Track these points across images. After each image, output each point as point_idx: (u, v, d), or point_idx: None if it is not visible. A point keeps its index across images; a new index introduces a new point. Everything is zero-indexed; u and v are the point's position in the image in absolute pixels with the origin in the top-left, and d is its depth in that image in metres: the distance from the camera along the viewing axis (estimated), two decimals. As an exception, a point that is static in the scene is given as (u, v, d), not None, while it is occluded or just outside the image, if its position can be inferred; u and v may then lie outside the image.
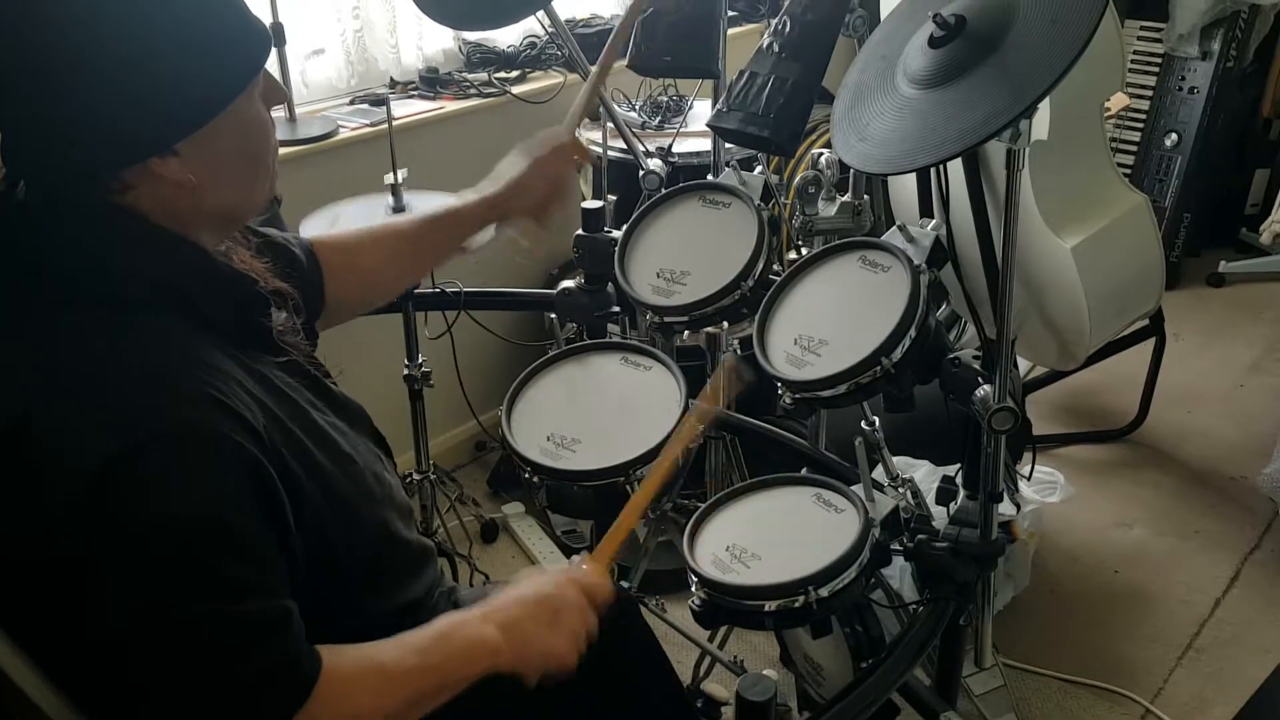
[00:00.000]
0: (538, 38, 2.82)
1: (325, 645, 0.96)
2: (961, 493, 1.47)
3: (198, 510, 0.88)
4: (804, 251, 1.60)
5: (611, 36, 1.53)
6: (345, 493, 1.05)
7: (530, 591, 1.11)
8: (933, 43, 1.25)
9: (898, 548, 1.38)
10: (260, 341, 1.05)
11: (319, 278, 1.28)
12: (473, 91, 2.64)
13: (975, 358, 1.36)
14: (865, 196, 1.62)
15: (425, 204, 1.99)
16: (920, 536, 1.39)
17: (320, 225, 1.92)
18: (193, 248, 0.99)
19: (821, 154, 1.60)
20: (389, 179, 1.97)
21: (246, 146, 1.01)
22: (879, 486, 1.43)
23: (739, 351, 1.60)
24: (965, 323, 2.57)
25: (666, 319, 1.55)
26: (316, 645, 0.95)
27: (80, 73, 0.89)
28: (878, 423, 1.63)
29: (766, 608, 1.26)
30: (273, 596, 0.93)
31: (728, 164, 1.71)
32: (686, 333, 1.60)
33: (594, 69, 1.54)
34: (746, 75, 1.58)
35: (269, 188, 1.06)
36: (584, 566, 1.18)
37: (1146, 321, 2.69)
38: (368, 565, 1.08)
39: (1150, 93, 3.52)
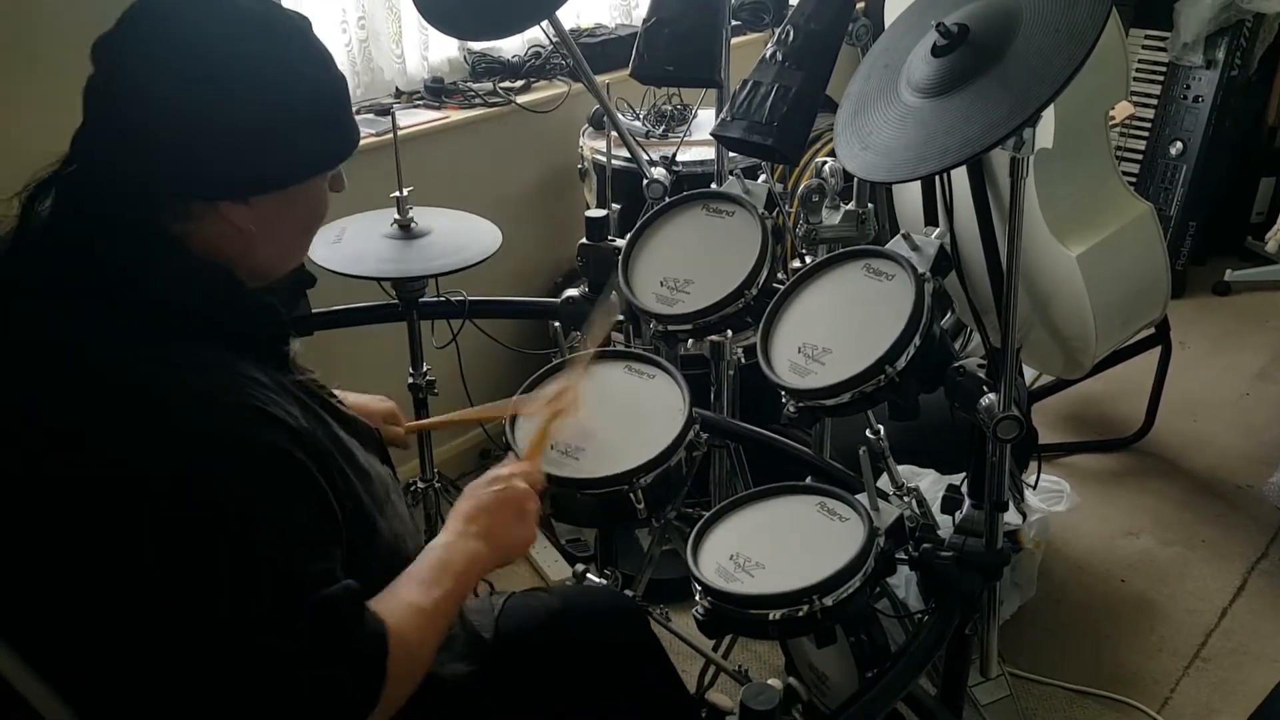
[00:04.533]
0: (542, 47, 2.83)
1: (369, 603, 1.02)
2: (967, 502, 1.47)
3: (266, 510, 0.94)
4: (808, 260, 1.60)
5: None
6: (365, 504, 1.09)
7: (489, 499, 1.21)
8: (936, 51, 1.25)
9: (903, 557, 1.38)
10: (280, 365, 1.09)
11: None
12: (478, 101, 2.65)
13: (980, 366, 1.35)
14: (869, 205, 1.62)
15: (429, 217, 2.01)
16: (925, 545, 1.39)
17: (326, 238, 1.93)
18: (229, 278, 1.04)
19: (825, 162, 1.60)
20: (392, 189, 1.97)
21: (305, 218, 1.10)
22: (884, 495, 1.42)
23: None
24: (970, 331, 2.57)
25: (670, 327, 1.55)
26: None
27: (196, 102, 0.95)
28: (882, 431, 1.62)
29: (771, 617, 1.26)
30: (340, 580, 0.98)
31: (731, 172, 1.71)
32: (690, 341, 1.60)
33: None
34: (750, 84, 1.58)
35: (303, 255, 1.16)
36: (512, 460, 1.33)
37: (1152, 330, 2.68)
38: (379, 579, 1.09)
39: (1155, 101, 3.52)
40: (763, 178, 1.71)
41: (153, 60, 0.96)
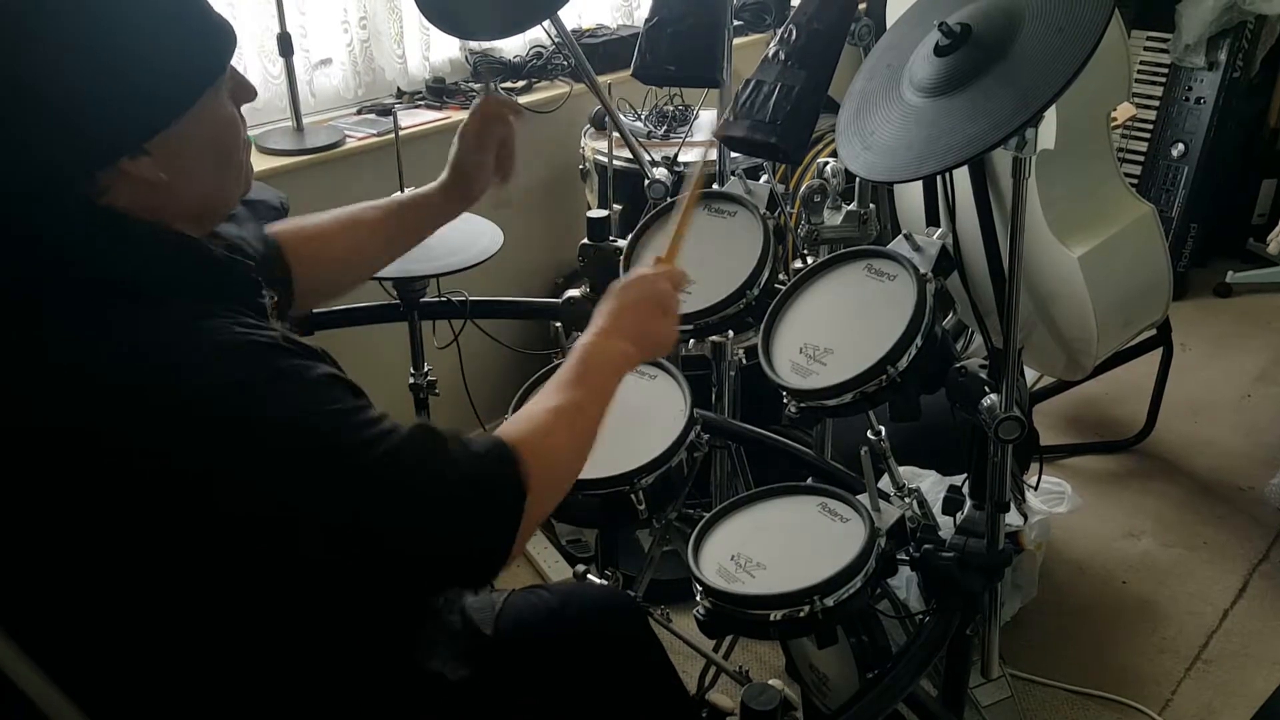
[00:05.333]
0: (544, 47, 2.83)
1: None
2: (968, 503, 1.47)
3: (319, 376, 0.95)
4: (809, 260, 1.60)
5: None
6: None
7: (636, 296, 1.21)
8: (938, 51, 1.25)
9: (904, 558, 1.38)
10: (260, 316, 1.05)
11: (283, 269, 1.31)
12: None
13: (982, 367, 1.35)
14: (871, 205, 1.62)
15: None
16: (926, 546, 1.39)
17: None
18: (180, 236, 0.99)
19: (827, 163, 1.60)
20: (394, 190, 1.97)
21: (216, 144, 1.01)
22: (885, 496, 1.42)
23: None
24: (972, 332, 2.57)
25: (672, 327, 1.54)
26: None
27: (44, 80, 0.89)
28: (884, 432, 1.62)
29: (772, 617, 1.26)
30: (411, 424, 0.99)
31: (733, 173, 1.71)
32: (692, 341, 1.60)
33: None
34: (753, 84, 1.58)
35: (243, 183, 1.07)
36: (654, 261, 1.30)
37: (1154, 331, 2.68)
38: None
39: (1157, 103, 3.52)
40: (764, 178, 1.70)
41: None
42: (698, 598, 1.32)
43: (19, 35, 0.88)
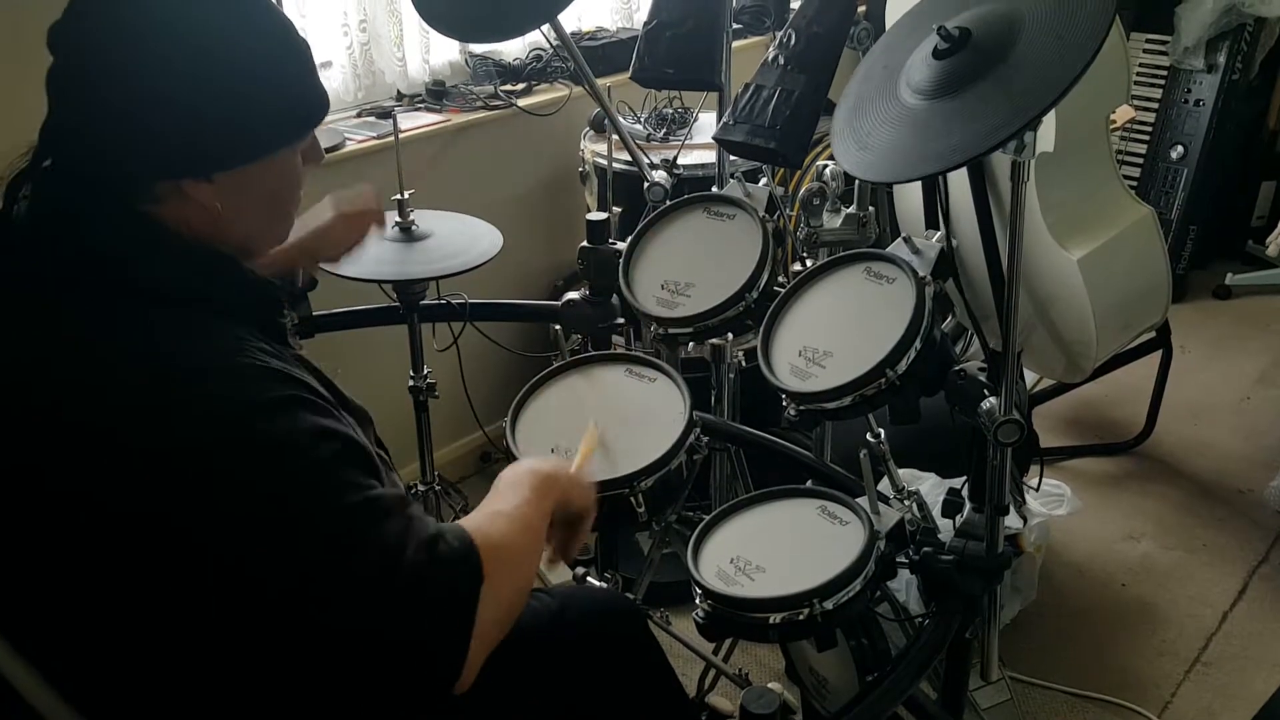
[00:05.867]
0: (543, 50, 2.83)
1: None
2: (967, 505, 1.47)
3: (312, 430, 0.93)
4: (809, 263, 1.60)
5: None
6: None
7: (535, 460, 1.22)
8: (937, 54, 1.25)
9: (903, 560, 1.38)
10: (278, 338, 1.08)
11: None
12: (479, 104, 2.65)
13: (981, 370, 1.35)
14: (870, 208, 1.62)
15: (430, 220, 2.01)
16: (926, 549, 1.39)
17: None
18: (215, 253, 1.02)
19: (827, 166, 1.60)
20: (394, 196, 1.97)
21: (277, 194, 1.06)
22: (884, 499, 1.42)
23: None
24: (971, 335, 2.57)
25: (671, 331, 1.55)
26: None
27: (155, 79, 0.93)
28: (883, 435, 1.62)
29: (771, 620, 1.26)
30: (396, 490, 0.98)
31: (733, 176, 1.71)
32: (691, 344, 1.60)
33: None
34: (752, 88, 1.58)
35: (285, 233, 1.12)
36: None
37: (1153, 334, 2.68)
38: None
39: (1156, 105, 3.52)
40: (764, 181, 1.71)
41: (105, 41, 0.94)
42: (697, 600, 1.32)
43: (145, 32, 0.93)
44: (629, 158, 1.99)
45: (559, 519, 1.18)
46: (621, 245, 1.69)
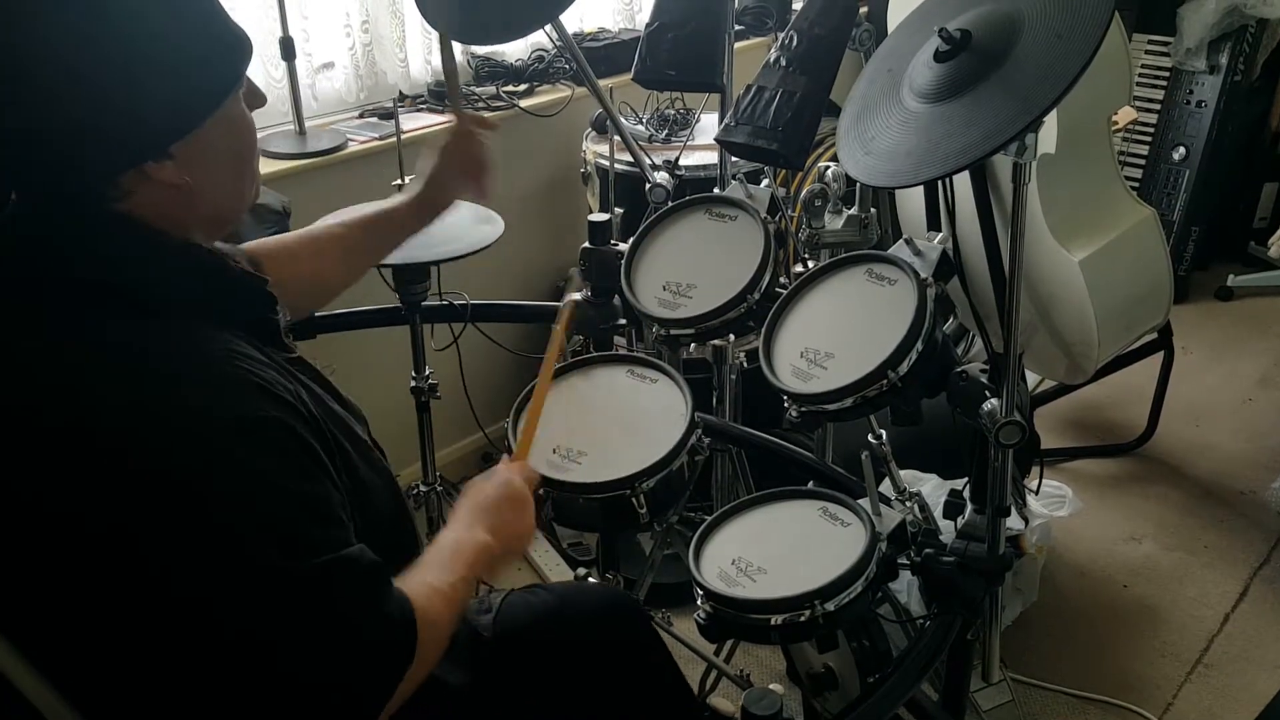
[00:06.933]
0: (545, 51, 2.83)
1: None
2: (969, 507, 1.47)
3: (269, 481, 0.93)
4: (810, 264, 1.60)
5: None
6: (364, 474, 1.09)
7: (493, 493, 1.23)
8: (938, 57, 1.25)
9: (905, 562, 1.38)
10: (271, 338, 1.08)
11: None
12: (481, 105, 2.65)
13: (982, 371, 1.35)
14: (872, 210, 1.62)
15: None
16: (927, 550, 1.39)
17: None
18: (200, 250, 1.02)
19: (828, 167, 1.60)
20: (397, 191, 1.97)
21: (235, 147, 1.05)
22: (886, 500, 1.42)
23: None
24: (973, 336, 2.57)
25: (672, 332, 1.55)
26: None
27: (72, 84, 0.91)
28: (885, 436, 1.62)
29: (772, 621, 1.26)
30: (355, 547, 0.98)
31: (734, 177, 1.71)
32: (693, 345, 1.60)
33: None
34: (754, 89, 1.58)
35: (254, 188, 1.11)
36: (506, 461, 1.33)
37: (1155, 335, 2.68)
38: (379, 553, 1.08)
39: (1158, 106, 3.52)
40: (765, 182, 1.71)
41: (17, 43, 0.90)
42: (698, 602, 1.32)
43: (44, 41, 0.90)
44: (631, 159, 1.99)
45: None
46: (623, 246, 1.69)
